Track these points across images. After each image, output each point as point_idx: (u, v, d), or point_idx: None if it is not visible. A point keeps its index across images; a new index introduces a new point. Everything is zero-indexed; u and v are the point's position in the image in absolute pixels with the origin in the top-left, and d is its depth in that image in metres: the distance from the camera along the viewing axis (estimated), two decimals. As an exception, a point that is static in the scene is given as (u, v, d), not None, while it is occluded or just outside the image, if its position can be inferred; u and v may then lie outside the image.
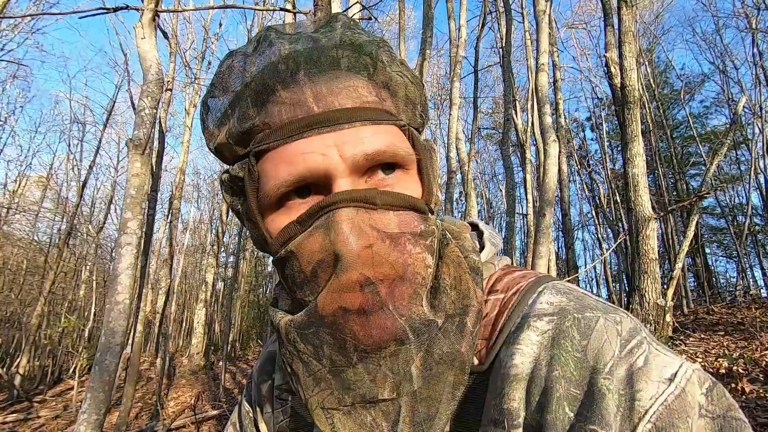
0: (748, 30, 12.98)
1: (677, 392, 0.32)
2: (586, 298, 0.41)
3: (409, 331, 0.36)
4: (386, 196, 0.38)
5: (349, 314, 0.36)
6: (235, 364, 13.87)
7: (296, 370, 0.39)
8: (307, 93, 0.38)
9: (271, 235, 0.41)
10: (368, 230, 0.36)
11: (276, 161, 0.38)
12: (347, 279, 0.35)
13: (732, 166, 16.92)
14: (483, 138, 21.46)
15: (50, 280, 10.32)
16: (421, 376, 0.37)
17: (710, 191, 4.12)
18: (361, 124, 0.38)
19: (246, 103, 0.40)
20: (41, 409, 8.49)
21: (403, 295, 0.37)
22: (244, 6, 3.65)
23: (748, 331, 5.92)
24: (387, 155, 0.39)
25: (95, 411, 2.30)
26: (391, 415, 0.37)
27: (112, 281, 2.59)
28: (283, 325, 0.40)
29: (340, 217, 0.36)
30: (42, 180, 18.07)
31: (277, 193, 0.38)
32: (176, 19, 9.73)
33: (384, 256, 0.36)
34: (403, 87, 0.43)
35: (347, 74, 0.40)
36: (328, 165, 0.37)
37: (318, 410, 0.38)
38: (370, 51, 0.41)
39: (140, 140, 2.78)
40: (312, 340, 0.38)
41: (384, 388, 0.36)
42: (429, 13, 6.85)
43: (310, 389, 0.38)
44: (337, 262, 0.35)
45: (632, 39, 5.22)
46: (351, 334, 0.36)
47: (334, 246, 0.35)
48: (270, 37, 0.42)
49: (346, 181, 0.37)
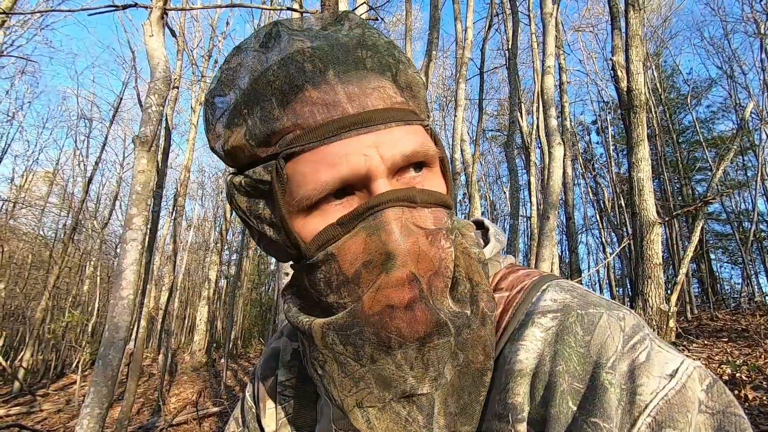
0: (756, 35, 12.89)
1: (678, 388, 0.33)
2: (590, 295, 0.41)
3: (450, 323, 0.37)
4: (424, 195, 0.39)
5: (396, 311, 0.36)
6: (236, 362, 13.91)
7: (330, 372, 0.39)
8: (340, 93, 0.38)
9: (304, 239, 0.39)
10: (414, 228, 0.37)
11: (314, 163, 0.37)
12: (398, 277, 0.35)
13: (738, 171, 16.80)
14: (488, 140, 21.42)
15: (55, 275, 10.39)
16: (452, 367, 0.38)
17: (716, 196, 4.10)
18: (395, 125, 0.39)
19: (270, 104, 0.39)
20: (44, 402, 8.55)
21: (438, 288, 0.38)
22: (252, 5, 3.66)
23: (752, 338, 5.88)
24: (420, 155, 0.39)
25: (98, 405, 2.32)
26: (425, 408, 0.37)
27: (117, 276, 2.60)
28: (318, 328, 0.39)
29: (388, 218, 0.36)
30: (48, 175, 18.21)
31: (319, 196, 0.37)
32: (184, 18, 9.78)
33: (426, 251, 0.37)
34: (421, 88, 0.44)
35: (374, 75, 0.40)
36: (369, 166, 0.37)
37: (355, 409, 0.38)
38: (392, 52, 0.42)
39: (147, 137, 2.80)
40: (354, 341, 0.37)
41: (424, 383, 0.37)
42: (435, 15, 6.85)
43: (347, 389, 0.38)
44: (388, 261, 0.36)
45: (639, 43, 5.19)
46: (396, 331, 0.36)
47: (385, 246, 0.36)
48: (280, 32, 0.41)
49: (384, 181, 0.38)
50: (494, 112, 20.51)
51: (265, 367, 0.58)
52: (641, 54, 5.28)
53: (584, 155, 19.19)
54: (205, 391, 9.15)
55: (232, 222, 15.84)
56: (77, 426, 2.28)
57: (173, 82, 7.47)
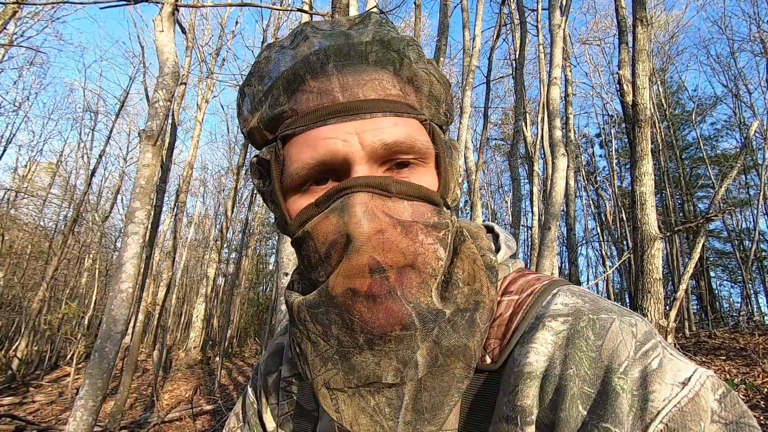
0: (762, 55, 12.94)
1: (691, 396, 0.32)
2: (601, 301, 0.41)
3: (415, 317, 0.37)
4: (401, 185, 0.39)
5: (358, 296, 0.36)
6: (231, 361, 13.87)
7: (304, 350, 0.40)
8: (334, 83, 0.40)
9: (291, 216, 0.42)
10: (381, 216, 0.37)
11: (300, 145, 0.40)
12: (357, 261, 0.36)
13: (741, 190, 16.78)
14: (491, 148, 21.47)
15: (53, 266, 10.38)
16: (426, 365, 0.37)
17: (718, 214, 4.09)
18: (382, 115, 0.40)
19: (278, 91, 0.42)
20: (37, 394, 8.51)
21: (412, 282, 0.37)
22: (262, 5, 3.69)
23: (750, 358, 5.85)
24: (405, 146, 0.40)
25: (92, 398, 2.31)
26: (394, 401, 0.37)
27: (117, 269, 2.60)
28: (296, 304, 0.41)
29: (354, 201, 0.37)
30: (51, 166, 18.25)
31: (299, 175, 0.40)
32: (194, 15, 9.84)
33: (395, 242, 0.37)
34: (428, 83, 0.44)
35: (374, 68, 0.41)
36: (348, 150, 0.39)
37: (323, 390, 0.39)
38: (398, 47, 0.43)
39: (153, 131, 2.80)
40: (322, 320, 0.39)
41: (388, 371, 0.37)
42: (444, 22, 6.88)
43: (317, 368, 0.39)
44: (348, 243, 0.37)
45: (646, 58, 5.21)
46: (359, 315, 0.37)
47: (346, 228, 0.37)
48: (306, 32, 0.44)
49: (363, 167, 0.39)
50: (499, 121, 20.57)
51: (269, 363, 0.58)
52: (647, 69, 5.30)
53: (587, 167, 19.22)
54: (199, 389, 9.11)
55: (232, 220, 15.85)
56: (71, 417, 2.27)
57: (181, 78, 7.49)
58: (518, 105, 7.79)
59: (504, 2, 8.93)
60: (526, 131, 9.91)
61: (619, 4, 5.51)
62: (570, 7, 5.98)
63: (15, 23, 10.66)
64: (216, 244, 14.01)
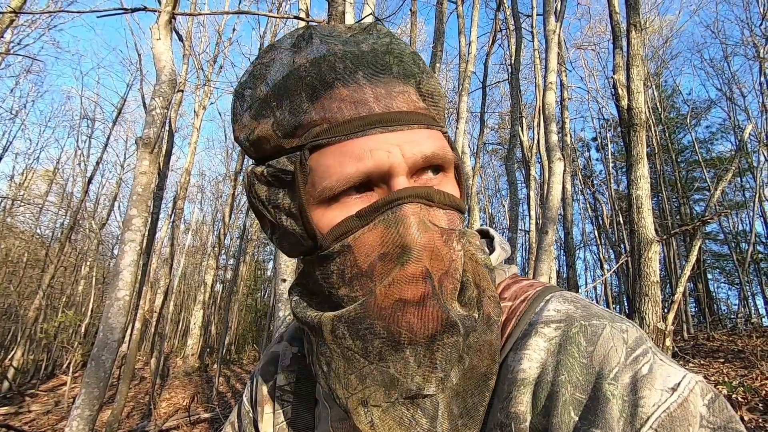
0: (755, 58, 13.05)
1: (680, 401, 0.33)
2: (593, 307, 0.42)
3: (459, 323, 0.37)
4: (441, 195, 0.40)
5: (408, 306, 0.36)
6: (229, 368, 13.78)
7: (336, 369, 0.39)
8: (368, 93, 0.40)
9: (321, 230, 0.40)
10: (430, 225, 0.38)
11: (338, 156, 0.38)
12: (413, 270, 0.36)
13: (736, 192, 16.88)
14: (488, 153, 21.54)
15: (50, 274, 10.33)
16: (458, 369, 0.38)
17: (714, 216, 4.11)
18: (417, 127, 0.40)
19: (299, 97, 0.40)
20: (33, 403, 8.44)
21: (448, 289, 0.38)
22: (258, 12, 3.70)
23: (748, 360, 5.86)
24: (439, 158, 0.41)
25: (89, 407, 2.30)
26: (429, 411, 0.38)
27: (114, 277, 2.59)
28: (328, 320, 0.39)
29: (407, 212, 0.37)
30: (48, 174, 18.19)
31: (343, 188, 0.38)
32: (191, 22, 9.87)
33: (441, 251, 0.38)
34: (442, 98, 0.46)
35: (399, 80, 0.42)
36: (392, 162, 0.38)
37: (359, 408, 0.38)
38: (417, 62, 0.44)
39: (150, 139, 2.81)
40: (364, 335, 0.38)
41: (431, 382, 0.37)
42: (440, 28, 6.93)
43: (352, 387, 0.38)
44: (403, 254, 0.36)
45: (640, 62, 5.25)
46: (407, 326, 0.36)
47: (403, 239, 0.36)
48: (312, 35, 0.43)
49: (404, 178, 0.39)
50: (495, 126, 20.65)
51: (264, 371, 0.58)
52: (642, 73, 5.34)
53: (584, 171, 19.31)
54: (197, 397, 9.05)
55: (230, 226, 15.81)
56: (66, 427, 2.25)
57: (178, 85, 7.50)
58: (514, 110, 7.83)
59: (499, 8, 9.01)
60: (523, 136, 9.96)
61: (613, 9, 5.56)
62: (564, 13, 6.03)
63: (12, 32, 10.68)
64: (214, 251, 13.97)
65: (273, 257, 19.72)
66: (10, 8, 4.69)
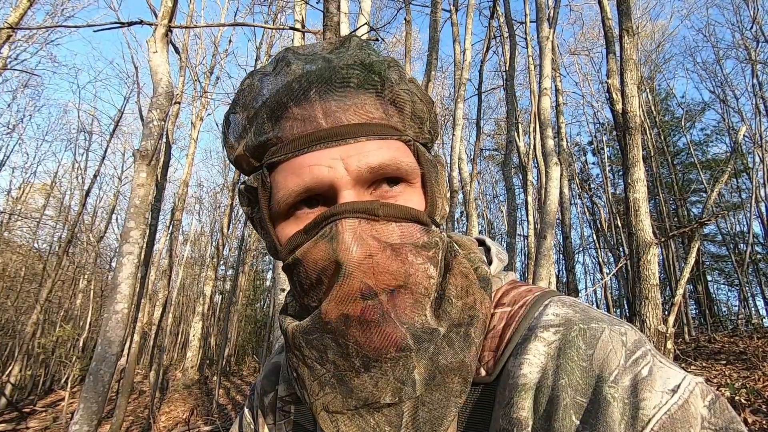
0: (748, 61, 13.20)
1: (680, 403, 0.33)
2: (591, 310, 0.42)
3: (410, 338, 0.38)
4: (388, 208, 0.39)
5: (352, 321, 0.37)
6: (229, 380, 13.67)
7: (302, 375, 0.41)
8: (317, 109, 0.40)
9: (281, 243, 0.43)
10: (369, 240, 0.37)
11: (286, 172, 0.41)
12: (348, 287, 0.36)
13: (733, 193, 16.94)
14: (485, 159, 21.61)
15: (47, 288, 10.26)
16: (424, 382, 0.38)
17: (711, 218, 4.13)
18: (366, 139, 0.40)
19: (262, 119, 0.42)
20: (30, 419, 8.34)
21: (405, 303, 0.38)
22: (254, 24, 3.73)
23: (750, 361, 5.85)
24: (390, 168, 0.40)
25: (87, 422, 2.27)
26: (393, 420, 0.38)
27: (112, 290, 2.58)
28: (290, 330, 0.42)
29: (342, 227, 0.37)
30: (45, 188, 18.17)
31: (287, 202, 0.40)
32: (188, 35, 9.94)
33: (385, 265, 0.37)
34: (410, 103, 0.45)
35: (356, 92, 0.41)
36: (333, 177, 0.39)
37: (323, 413, 0.39)
38: (379, 69, 0.43)
39: (147, 151, 2.81)
40: (317, 345, 0.39)
41: (386, 393, 0.38)
42: (435, 36, 6.99)
43: (315, 393, 0.40)
44: (339, 270, 0.37)
45: (634, 66, 5.30)
46: (353, 340, 0.37)
47: (336, 254, 0.37)
48: (288, 57, 0.44)
49: (350, 192, 0.39)
50: (492, 132, 20.76)
51: (266, 382, 0.58)
52: (636, 77, 5.39)
53: (581, 175, 19.36)
54: (196, 410, 8.95)
55: (228, 237, 15.78)
56: (65, 443, 2.23)
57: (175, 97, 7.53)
58: (510, 116, 7.88)
59: (492, 16, 9.10)
60: (519, 141, 10.01)
61: (605, 15, 5.63)
62: (557, 19, 6.10)
63: (9, 47, 10.72)
64: (212, 262, 13.92)
65: (272, 267, 19.68)
66: (7, 23, 4.71)
